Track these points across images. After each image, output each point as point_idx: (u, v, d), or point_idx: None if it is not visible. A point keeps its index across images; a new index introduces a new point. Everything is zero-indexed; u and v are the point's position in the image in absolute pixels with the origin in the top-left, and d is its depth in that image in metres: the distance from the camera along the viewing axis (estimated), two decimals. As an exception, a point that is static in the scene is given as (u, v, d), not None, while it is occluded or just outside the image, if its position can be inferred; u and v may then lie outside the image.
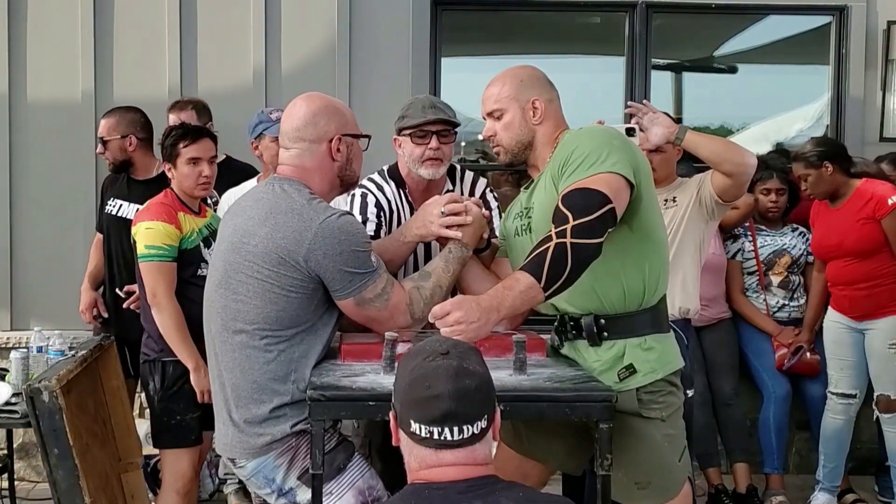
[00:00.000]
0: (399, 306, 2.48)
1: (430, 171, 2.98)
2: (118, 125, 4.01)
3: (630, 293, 2.45)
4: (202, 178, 3.36)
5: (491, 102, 2.57)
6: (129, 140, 3.98)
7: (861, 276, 4.03)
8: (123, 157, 4.01)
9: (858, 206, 4.00)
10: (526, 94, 2.54)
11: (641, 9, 4.93)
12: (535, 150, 2.56)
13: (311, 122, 2.50)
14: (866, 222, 3.97)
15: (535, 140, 2.55)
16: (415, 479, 1.77)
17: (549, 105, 2.56)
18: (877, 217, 3.95)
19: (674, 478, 2.52)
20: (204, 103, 4.36)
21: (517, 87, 2.55)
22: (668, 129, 3.16)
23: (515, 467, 2.70)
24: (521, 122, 2.54)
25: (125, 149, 4.00)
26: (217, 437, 2.57)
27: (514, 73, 2.59)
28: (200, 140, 3.39)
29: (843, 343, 4.10)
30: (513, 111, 2.54)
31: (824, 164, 4.00)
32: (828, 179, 4.03)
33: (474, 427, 1.74)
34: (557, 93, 2.60)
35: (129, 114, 4.04)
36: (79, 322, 4.37)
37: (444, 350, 1.79)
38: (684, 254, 3.43)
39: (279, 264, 2.36)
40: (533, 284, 2.19)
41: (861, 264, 4.03)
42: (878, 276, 3.99)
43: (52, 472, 3.16)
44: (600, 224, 2.25)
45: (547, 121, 2.55)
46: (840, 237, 4.06)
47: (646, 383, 2.44)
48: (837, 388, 4.16)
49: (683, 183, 3.51)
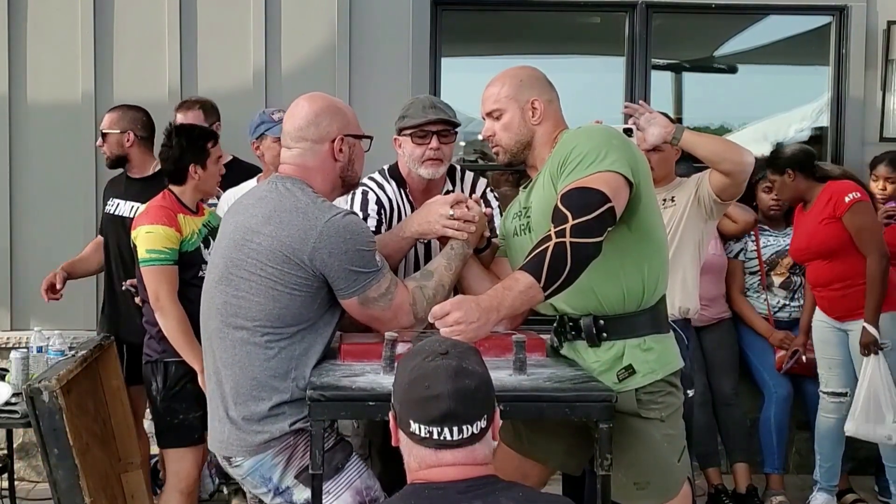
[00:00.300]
0: (403, 306, 2.48)
1: (429, 171, 2.98)
2: (119, 120, 4.02)
3: (629, 294, 2.45)
4: (219, 177, 3.47)
5: (490, 102, 2.57)
6: (128, 136, 3.99)
7: (834, 276, 4.06)
8: (120, 151, 4.02)
9: (820, 207, 4.05)
10: (525, 95, 2.54)
11: (641, 9, 4.93)
12: (534, 150, 2.56)
13: (314, 123, 2.50)
14: (829, 222, 4.00)
15: (534, 140, 2.55)
16: (414, 480, 1.77)
17: (549, 105, 2.56)
18: (837, 216, 3.97)
19: (673, 478, 2.52)
20: (212, 103, 4.36)
21: (517, 88, 2.55)
22: (664, 129, 3.16)
23: (515, 467, 2.70)
24: (521, 122, 2.54)
25: (122, 144, 4.00)
26: (211, 435, 2.55)
27: (513, 73, 2.59)
28: None
29: (830, 342, 4.11)
30: (512, 111, 2.54)
31: (786, 170, 4.07)
32: (791, 185, 4.09)
33: (474, 427, 1.74)
34: (557, 93, 2.61)
35: (132, 112, 4.06)
36: (79, 322, 4.38)
37: (443, 350, 1.79)
38: (683, 253, 3.44)
39: (283, 262, 2.36)
40: (532, 284, 2.19)
41: (832, 265, 4.05)
42: (851, 276, 3.99)
43: (52, 472, 3.17)
44: (599, 223, 2.24)
45: (546, 121, 2.55)
46: (808, 239, 4.12)
47: (645, 384, 2.44)
48: (828, 387, 4.17)
49: (682, 182, 3.52)
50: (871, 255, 3.92)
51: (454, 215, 2.60)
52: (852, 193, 3.96)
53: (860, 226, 3.94)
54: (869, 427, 3.95)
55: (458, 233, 2.60)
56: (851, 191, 3.98)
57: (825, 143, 5.10)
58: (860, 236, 3.94)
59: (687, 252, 3.44)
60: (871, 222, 3.97)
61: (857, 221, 3.94)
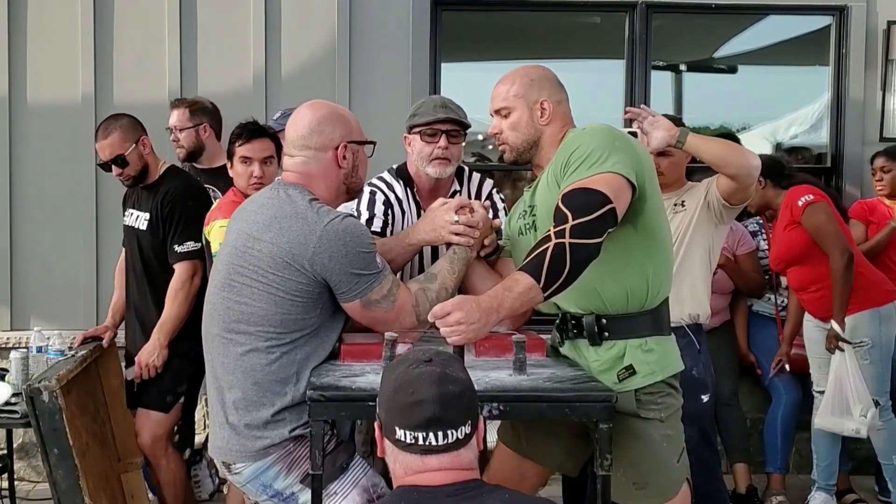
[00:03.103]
0: (405, 307, 2.48)
1: (437, 170, 2.98)
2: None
3: (633, 294, 2.45)
4: (253, 178, 3.39)
5: (499, 100, 2.57)
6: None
7: (808, 280, 4.09)
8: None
9: (782, 214, 4.11)
10: (535, 95, 2.54)
11: (641, 9, 4.93)
12: (540, 150, 2.56)
13: (317, 131, 2.50)
14: (791, 227, 4.05)
15: (541, 140, 2.55)
16: (401, 485, 1.78)
17: (558, 106, 2.55)
18: (796, 220, 4.00)
19: (671, 478, 2.51)
20: (204, 105, 4.31)
21: (526, 87, 2.55)
22: (668, 133, 3.14)
23: (514, 468, 2.70)
24: (528, 121, 2.54)
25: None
26: (211, 441, 2.55)
27: (524, 72, 2.59)
28: (254, 140, 3.42)
29: (818, 342, 4.12)
30: (520, 110, 2.54)
31: (758, 178, 4.05)
32: (759, 193, 4.13)
33: (458, 432, 1.75)
34: (567, 94, 2.60)
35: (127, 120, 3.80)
36: (79, 322, 4.37)
37: (426, 358, 1.81)
38: (693, 258, 3.40)
39: (284, 268, 2.36)
40: (532, 285, 2.19)
41: (803, 269, 4.08)
42: (824, 278, 4.00)
43: (52, 472, 3.17)
44: (600, 224, 2.24)
45: (554, 122, 2.55)
46: (776, 247, 4.18)
47: (645, 384, 2.44)
48: (819, 386, 4.17)
49: (693, 187, 3.49)
50: (831, 253, 3.95)
51: (458, 221, 2.60)
52: (806, 196, 4.00)
53: (816, 226, 3.97)
54: (835, 421, 3.98)
55: (464, 238, 2.60)
56: (805, 193, 4.02)
57: (825, 144, 5.11)
58: (818, 236, 3.98)
59: (696, 257, 3.41)
60: (827, 221, 3.98)
61: (812, 222, 3.98)
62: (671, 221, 3.45)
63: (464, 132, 3.03)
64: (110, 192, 4.68)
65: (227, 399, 2.45)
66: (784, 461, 4.47)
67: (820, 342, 4.10)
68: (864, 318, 4.02)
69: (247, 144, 3.41)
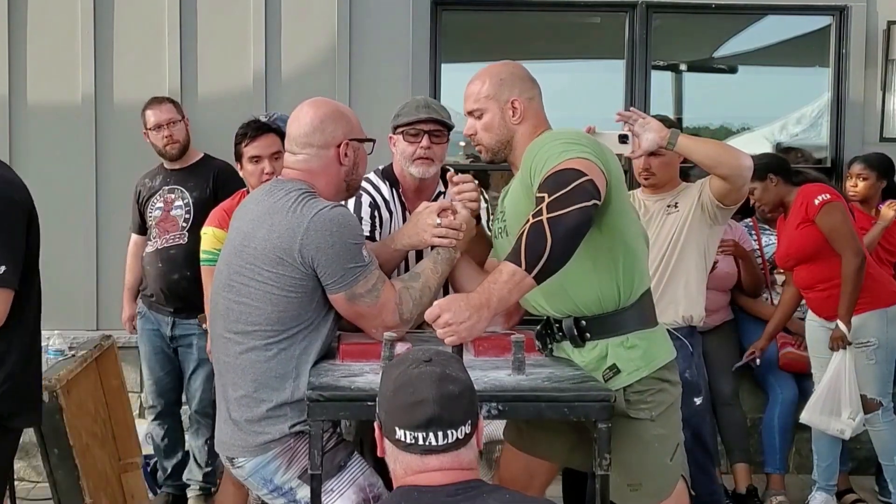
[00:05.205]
0: (388, 304, 2.48)
1: (420, 170, 2.99)
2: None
3: (604, 295, 2.43)
4: (265, 176, 3.36)
5: (471, 102, 2.56)
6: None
7: (818, 278, 4.06)
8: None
9: (796, 212, 4.08)
10: (506, 94, 2.53)
11: (641, 9, 4.93)
12: (515, 150, 2.55)
13: (319, 129, 2.52)
14: (804, 226, 4.02)
15: (514, 139, 2.54)
16: (401, 486, 1.78)
17: (529, 104, 2.54)
18: (810, 218, 3.99)
19: (665, 479, 2.51)
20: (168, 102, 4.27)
21: (497, 87, 2.53)
22: (659, 134, 3.13)
23: (522, 467, 2.70)
24: (501, 122, 2.53)
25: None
26: (217, 436, 2.60)
27: (494, 71, 2.58)
28: (260, 137, 3.42)
29: (822, 341, 4.10)
30: (492, 111, 2.53)
31: (769, 176, 4.07)
32: (773, 190, 4.11)
33: (458, 432, 1.75)
34: (539, 90, 2.58)
35: None
36: (79, 322, 4.37)
37: (426, 358, 1.81)
38: (687, 259, 3.39)
39: (277, 264, 2.38)
40: (515, 270, 2.15)
41: (813, 267, 4.06)
42: (834, 277, 3.99)
43: (52, 472, 3.18)
44: (579, 193, 2.17)
45: (527, 120, 2.53)
46: (787, 245, 4.14)
47: (631, 382, 2.42)
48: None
49: (686, 188, 3.49)
50: (844, 254, 3.93)
51: (441, 224, 2.61)
52: (822, 195, 3.98)
53: (831, 226, 3.95)
54: (823, 418, 3.98)
55: (447, 241, 2.61)
56: (822, 192, 4.00)
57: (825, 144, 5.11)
58: (832, 236, 3.96)
59: (691, 258, 3.40)
60: (842, 222, 3.97)
61: (828, 222, 3.96)
62: (664, 223, 3.45)
63: (447, 132, 3.03)
64: (110, 193, 4.69)
65: (230, 396, 2.49)
66: (783, 461, 4.46)
67: (824, 342, 4.09)
68: (871, 318, 4.01)
69: (253, 143, 3.41)
